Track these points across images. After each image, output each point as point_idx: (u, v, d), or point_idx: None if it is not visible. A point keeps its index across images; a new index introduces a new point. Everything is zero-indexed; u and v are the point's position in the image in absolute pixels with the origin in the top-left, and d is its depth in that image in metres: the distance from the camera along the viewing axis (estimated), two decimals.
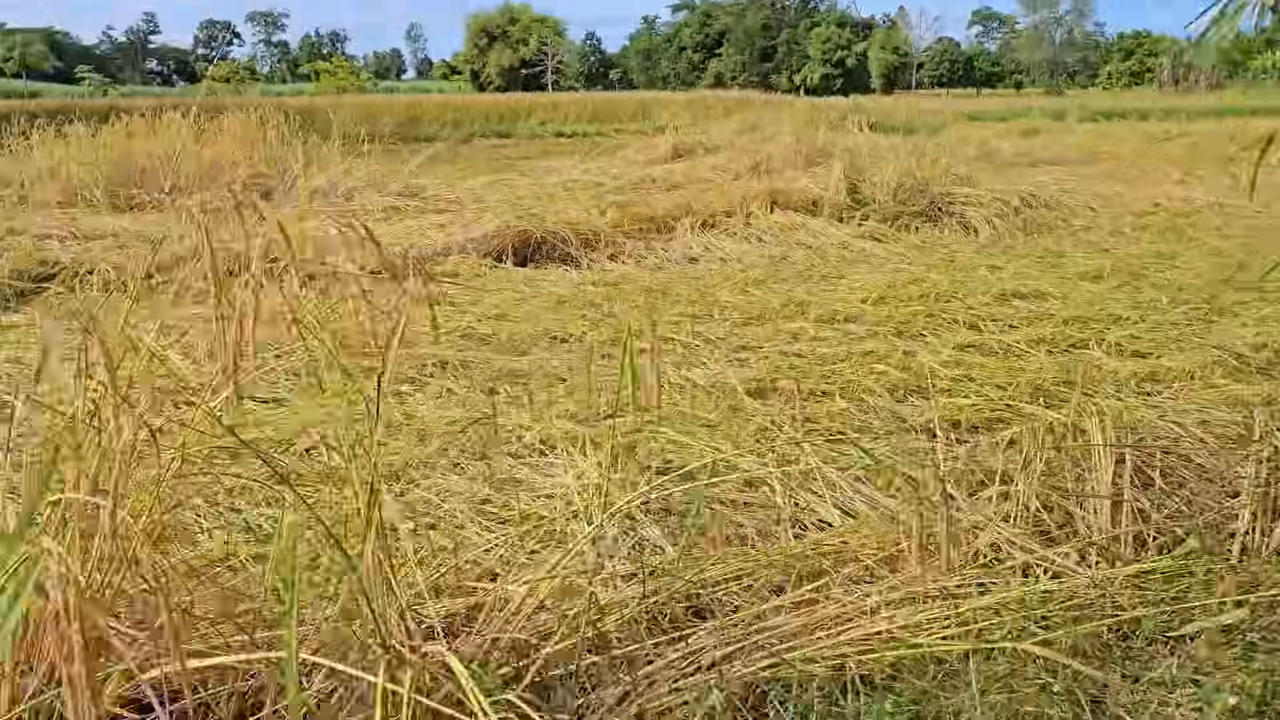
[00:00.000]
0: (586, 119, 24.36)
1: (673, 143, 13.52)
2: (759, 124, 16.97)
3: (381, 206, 8.37)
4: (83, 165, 8.79)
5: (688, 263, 6.34)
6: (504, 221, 6.43)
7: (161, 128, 9.68)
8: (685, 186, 9.27)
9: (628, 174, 10.44)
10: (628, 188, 9.58)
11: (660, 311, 4.82)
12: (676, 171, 9.96)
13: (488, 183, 10.23)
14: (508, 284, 5.65)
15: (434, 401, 3.47)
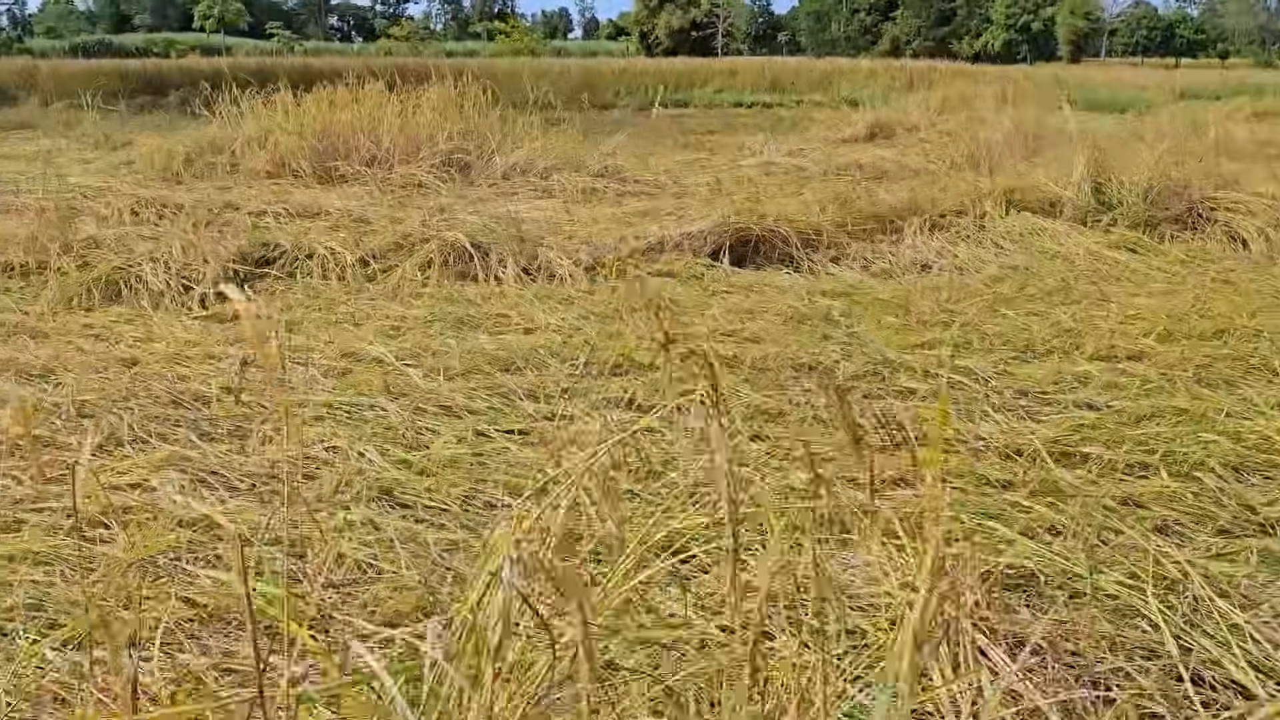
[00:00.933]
0: (765, 88, 23.62)
1: (868, 121, 12.80)
2: (958, 99, 15.95)
3: (580, 188, 8.12)
4: (288, 135, 8.88)
5: (920, 270, 5.80)
6: (721, 216, 6.03)
7: (363, 97, 9.69)
8: (896, 175, 8.66)
9: (830, 157, 9.88)
10: (832, 174, 9.05)
11: (908, 334, 4.35)
12: (886, 158, 9.32)
13: (683, 163, 9.88)
14: (730, 289, 5.27)
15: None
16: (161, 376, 3.69)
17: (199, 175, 8.55)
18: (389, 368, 3.80)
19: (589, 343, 4.14)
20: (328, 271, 5.33)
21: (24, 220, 6.48)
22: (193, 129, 11.85)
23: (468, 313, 4.62)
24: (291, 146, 8.60)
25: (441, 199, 7.72)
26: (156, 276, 4.99)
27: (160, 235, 6.01)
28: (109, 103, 16.14)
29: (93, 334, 4.31)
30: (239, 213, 6.61)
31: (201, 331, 4.32)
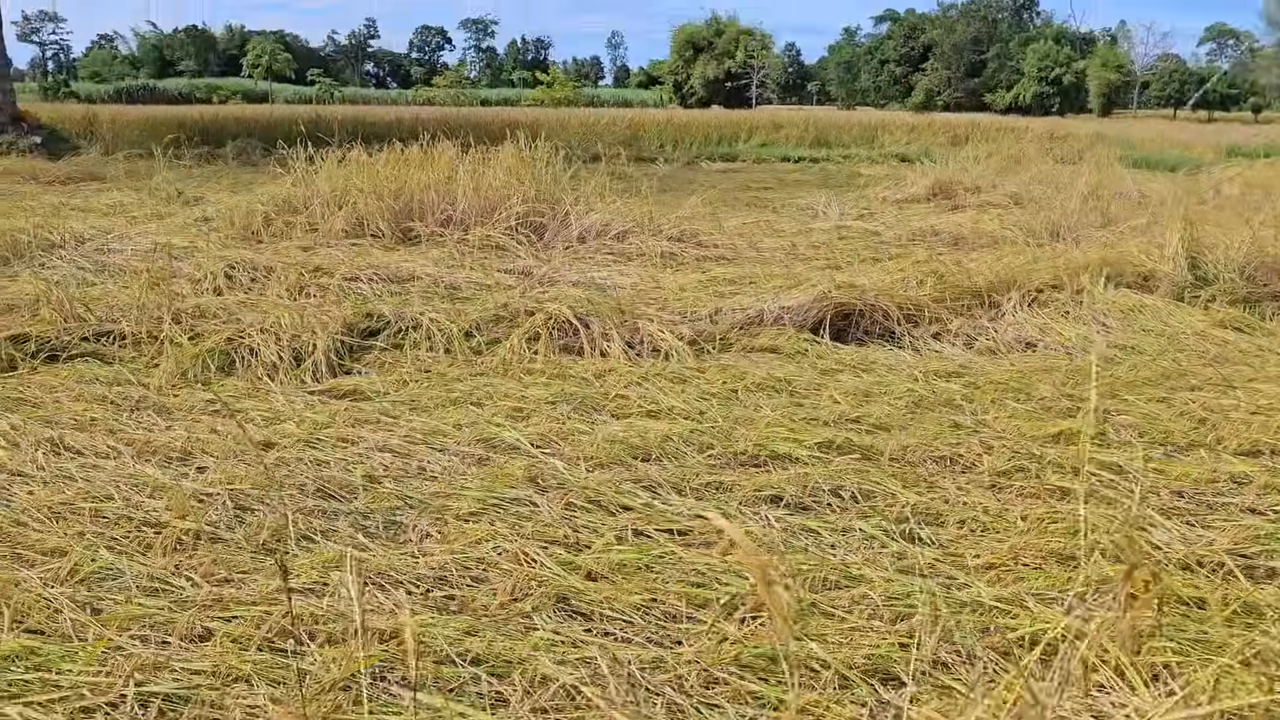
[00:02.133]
0: (809, 141, 23.73)
1: (927, 182, 12.78)
2: (1009, 156, 15.93)
3: (658, 252, 8.12)
4: (365, 195, 8.96)
5: (1025, 348, 5.73)
6: (821, 290, 5.99)
7: (436, 157, 9.79)
8: (975, 243, 8.62)
9: (901, 221, 9.85)
10: (907, 240, 9.02)
11: (1037, 423, 4.27)
12: (962, 224, 9.28)
13: (751, 225, 9.87)
14: (839, 366, 5.21)
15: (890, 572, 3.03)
16: (301, 462, 3.66)
17: (278, 234, 8.62)
18: (527, 456, 3.75)
19: (719, 428, 4.09)
20: (434, 344, 5.32)
21: (123, 283, 6.55)
22: (259, 183, 12.01)
23: (586, 392, 4.59)
24: (370, 208, 8.67)
25: (521, 261, 7.74)
26: (268, 348, 4.99)
27: (260, 302, 6.05)
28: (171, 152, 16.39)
29: (216, 410, 4.30)
30: (331, 278, 6.63)
31: (326, 410, 4.30)
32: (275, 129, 21.01)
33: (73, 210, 10.30)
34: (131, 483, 3.42)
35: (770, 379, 4.89)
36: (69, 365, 4.93)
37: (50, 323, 5.26)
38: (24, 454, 3.69)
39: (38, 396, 4.44)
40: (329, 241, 8.32)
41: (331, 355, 5.03)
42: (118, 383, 4.64)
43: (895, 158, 21.74)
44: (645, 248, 8.25)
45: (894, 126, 26.37)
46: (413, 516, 3.22)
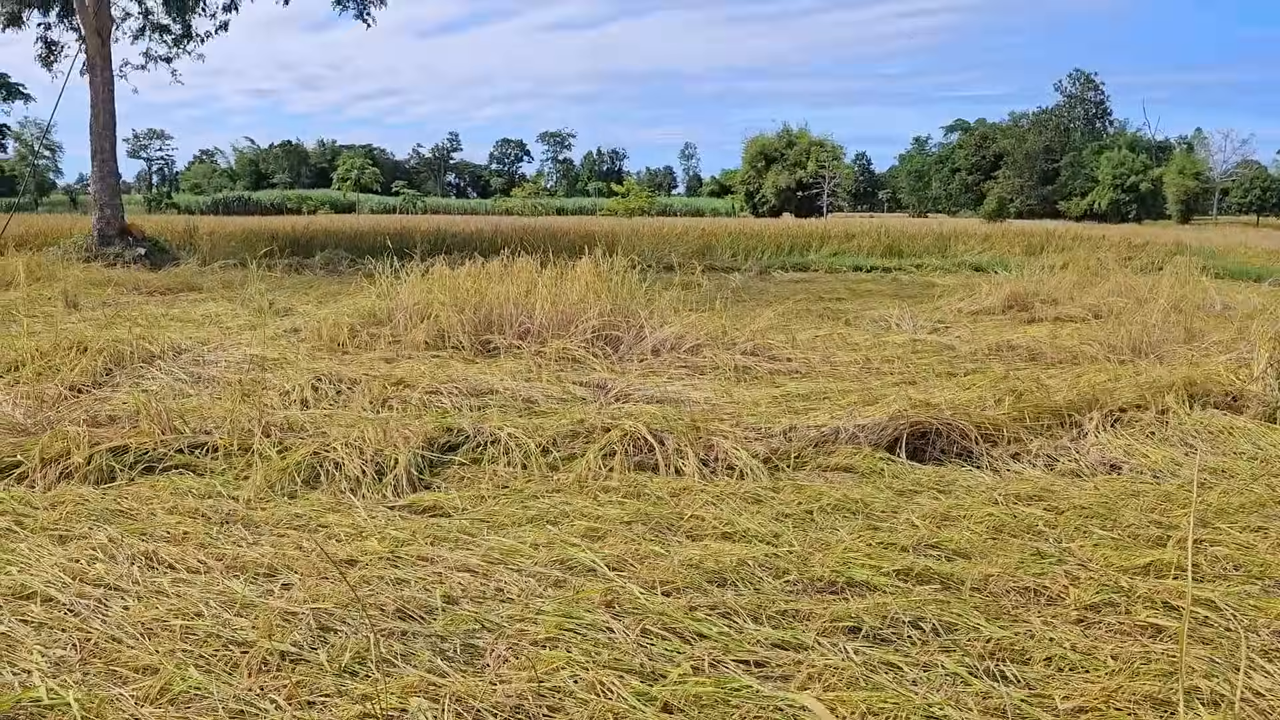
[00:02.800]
0: (881, 251, 23.84)
1: (1003, 293, 12.71)
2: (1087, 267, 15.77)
3: (732, 366, 8.18)
4: (446, 308, 9.24)
5: (1109, 471, 5.59)
6: (897, 408, 5.96)
7: (515, 271, 10.09)
8: (1054, 359, 8.51)
9: (977, 334, 9.79)
10: (983, 354, 8.95)
11: (1126, 553, 4.14)
12: (1039, 339, 9.19)
13: (824, 337, 9.90)
14: (916, 488, 5.15)
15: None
16: (382, 580, 3.73)
17: (363, 346, 8.91)
18: (603, 579, 3.77)
19: (795, 553, 4.06)
20: (512, 459, 5.41)
21: (215, 393, 6.83)
22: (346, 294, 12.49)
23: (661, 512, 4.60)
24: (451, 321, 8.93)
25: (596, 374, 7.86)
26: (352, 462, 5.13)
27: (345, 415, 6.23)
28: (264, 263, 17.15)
29: (302, 524, 4.41)
30: (413, 391, 6.82)
31: (407, 527, 4.38)
32: (361, 240, 21.95)
33: (171, 320, 10.81)
34: (221, 599, 3.52)
35: (846, 500, 4.85)
36: (164, 477, 5.12)
37: (148, 435, 5.49)
38: (120, 567, 3.83)
39: (134, 508, 4.61)
40: (411, 353, 8.58)
41: (412, 470, 5.14)
42: (209, 495, 4.81)
43: (969, 267, 21.70)
44: (719, 361, 8.33)
45: (967, 235, 26.38)
46: (490, 640, 3.24)
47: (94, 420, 5.92)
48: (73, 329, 9.51)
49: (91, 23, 21.38)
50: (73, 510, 4.54)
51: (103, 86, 21.45)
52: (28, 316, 10.35)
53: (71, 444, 5.25)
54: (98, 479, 5.07)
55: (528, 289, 9.62)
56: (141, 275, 16.63)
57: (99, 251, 19.85)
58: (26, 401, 6.50)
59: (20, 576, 3.70)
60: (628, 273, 10.00)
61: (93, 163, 21.77)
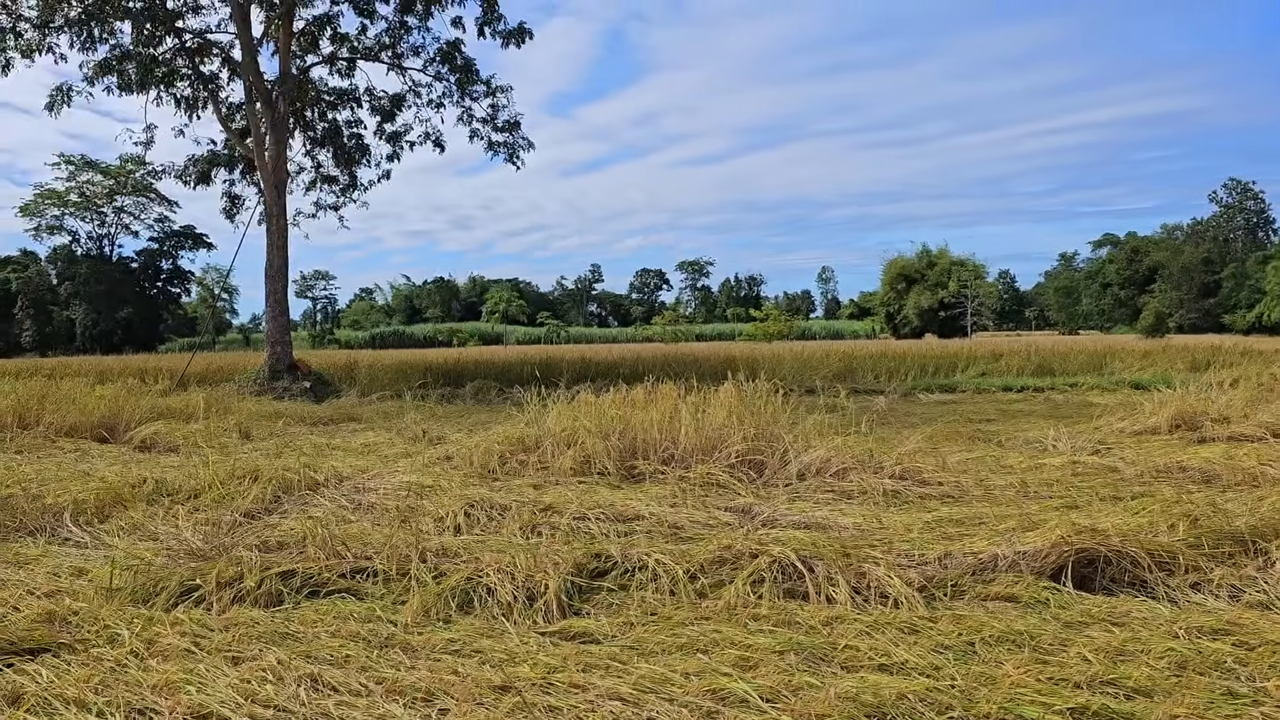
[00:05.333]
0: (1031, 370, 23.06)
1: (1169, 412, 12.04)
2: (1259, 382, 14.83)
3: (880, 490, 7.99)
4: (592, 435, 9.41)
5: None
6: (1061, 534, 5.68)
7: (659, 398, 10.24)
8: (1232, 481, 7.97)
9: (1143, 456, 9.28)
10: (1150, 476, 8.47)
11: None
12: (1213, 460, 8.65)
13: (976, 460, 9.58)
14: (1085, 620, 4.85)
15: None
16: (536, 707, 3.74)
17: (512, 472, 9.15)
18: (757, 711, 3.67)
19: (958, 687, 3.87)
20: (659, 585, 5.39)
21: (374, 519, 7.10)
22: (495, 422, 12.89)
23: (814, 642, 4.48)
24: (597, 448, 9.09)
25: (741, 500, 7.81)
26: (504, 588, 5.21)
27: (496, 541, 6.38)
28: (418, 394, 17.94)
29: (456, 649, 4.49)
30: (561, 517, 6.93)
31: (559, 653, 4.40)
32: (509, 370, 22.73)
33: (334, 449, 11.39)
34: None
35: (1010, 631, 4.61)
36: (328, 600, 5.33)
37: (314, 560, 5.74)
38: (288, 689, 3.97)
39: (300, 631, 4.80)
40: (558, 480, 8.75)
41: (562, 595, 5.19)
42: (369, 619, 4.96)
43: (1128, 385, 20.71)
44: (866, 485, 8.16)
45: (1124, 352, 25.26)
46: None
47: (264, 545, 6.26)
48: (246, 458, 10.13)
49: (270, 178, 23.43)
50: (245, 632, 4.76)
51: (277, 234, 23.34)
52: (208, 447, 11.09)
53: (245, 568, 5.54)
54: (267, 602, 5.31)
55: (671, 415, 9.73)
56: (307, 407, 17.63)
57: (269, 386, 21.24)
58: (205, 528, 6.92)
59: (198, 696, 3.89)
60: (770, 396, 9.99)
61: (266, 303, 23.50)
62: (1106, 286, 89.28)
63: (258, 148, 23.68)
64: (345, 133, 26.94)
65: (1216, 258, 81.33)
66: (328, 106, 26.62)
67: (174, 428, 13.36)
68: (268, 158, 23.56)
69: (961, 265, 71.41)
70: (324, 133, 26.83)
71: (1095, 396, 18.78)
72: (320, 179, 27.64)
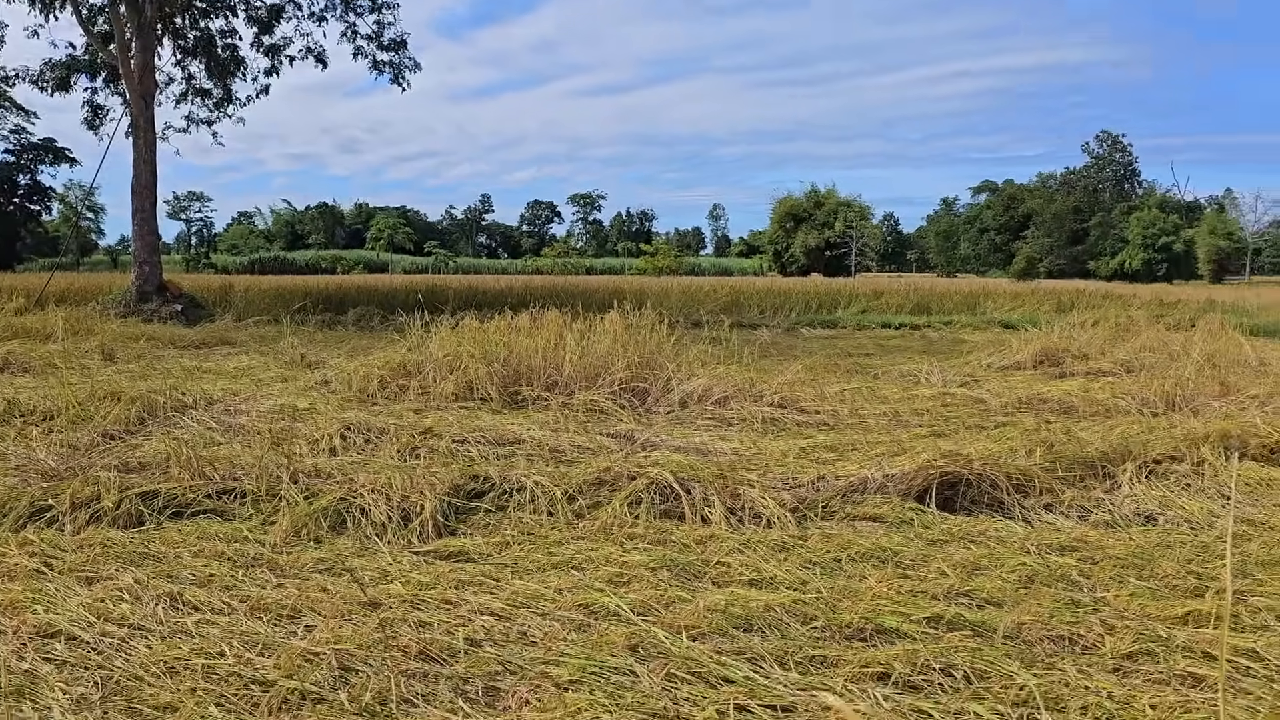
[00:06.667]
0: (909, 309, 23.78)
1: (1034, 349, 12.60)
2: (1116, 324, 15.65)
3: (760, 418, 8.14)
4: (475, 361, 9.29)
5: (1144, 522, 5.48)
6: (927, 459, 5.89)
7: (544, 325, 10.16)
8: (1087, 412, 8.41)
9: (1008, 389, 9.70)
10: (1013, 407, 8.85)
11: (1162, 604, 4.04)
12: (1071, 393, 9.09)
13: (853, 391, 9.84)
14: (946, 537, 5.06)
15: None
16: (405, 623, 3.70)
17: (392, 397, 8.98)
18: (627, 623, 3.72)
19: (823, 599, 3.99)
20: (537, 506, 5.39)
21: (246, 442, 6.87)
22: (377, 348, 12.59)
23: (687, 559, 4.56)
24: (480, 373, 8.98)
25: (623, 426, 7.86)
26: (378, 508, 5.13)
27: (372, 463, 6.26)
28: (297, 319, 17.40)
29: (327, 569, 4.41)
30: (441, 440, 6.84)
31: (432, 571, 4.36)
32: (393, 297, 22.21)
33: (205, 373, 10.95)
34: (243, 640, 3.51)
35: (875, 548, 4.78)
36: (192, 522, 5.15)
37: (178, 480, 5.53)
38: (145, 608, 3.83)
39: (161, 551, 4.63)
40: (440, 404, 8.62)
41: (438, 516, 5.14)
42: (235, 539, 4.82)
43: (999, 324, 21.58)
44: (746, 413, 8.30)
45: (996, 294, 26.28)
46: (512, 682, 3.20)
47: (125, 466, 5.99)
48: (108, 380, 9.66)
49: (136, 88, 22.06)
50: (100, 552, 4.57)
51: (145, 148, 22.06)
52: (65, 368, 10.52)
53: (102, 488, 5.30)
54: (126, 523, 5.10)
55: (556, 342, 9.67)
56: (177, 330, 16.90)
57: (136, 307, 20.24)
58: (60, 449, 6.58)
59: (46, 616, 3.72)
60: (655, 326, 10.02)
61: (133, 221, 22.30)
62: (984, 232, 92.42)
63: (122, 55, 22.21)
64: (219, 43, 25.48)
65: (1085, 207, 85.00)
66: (200, 14, 25.09)
67: (29, 348, 12.62)
68: (133, 66, 22.14)
69: (848, 206, 72.83)
70: (196, 41, 25.31)
71: (968, 334, 19.51)
72: (192, 92, 26.14)
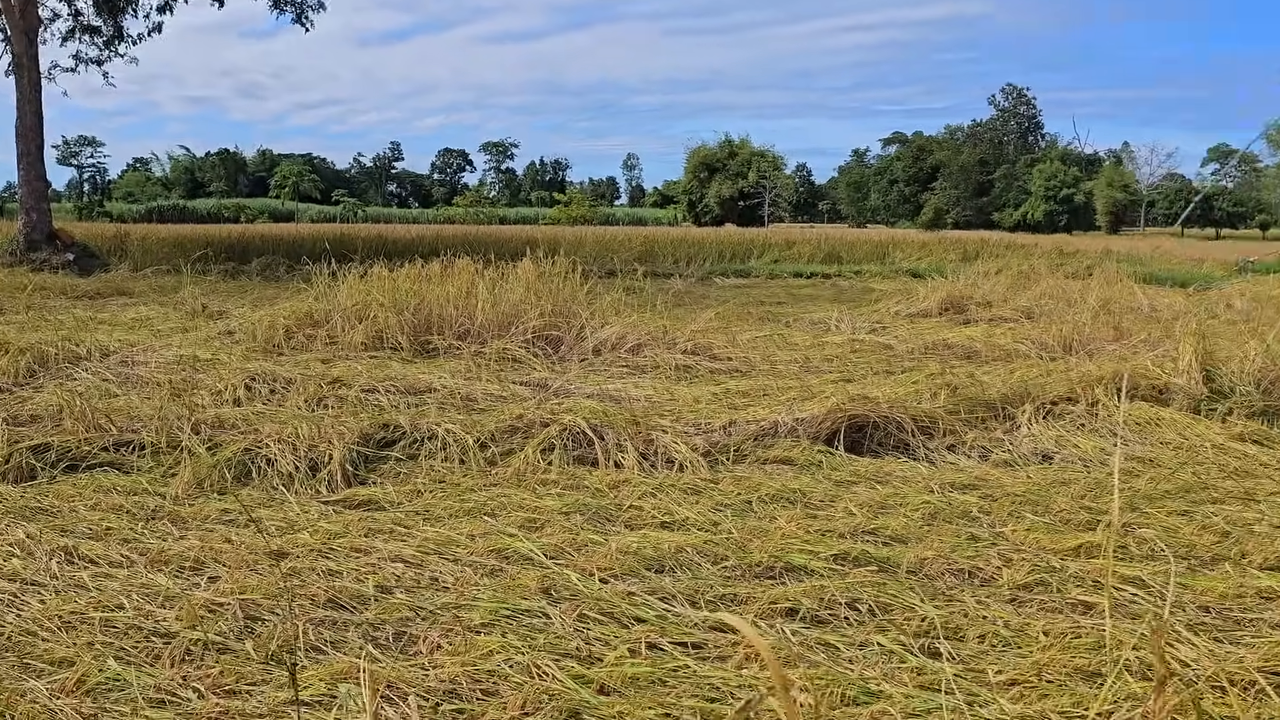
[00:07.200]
0: (821, 258, 24.11)
1: (939, 296, 12.92)
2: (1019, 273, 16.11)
3: (673, 365, 8.18)
4: (385, 309, 9.11)
5: (1042, 461, 5.69)
6: (835, 402, 6.00)
7: (456, 273, 9.99)
8: (989, 357, 8.66)
9: (914, 335, 9.93)
10: (920, 352, 9.07)
11: (1056, 537, 4.22)
12: (974, 338, 9.35)
13: (765, 338, 9.96)
14: (854, 478, 5.19)
15: None
16: (314, 572, 3.64)
17: (299, 347, 8.76)
18: (540, 567, 3.72)
19: (734, 540, 4.06)
20: (449, 454, 5.33)
21: (145, 393, 6.63)
22: (283, 298, 12.24)
23: (600, 503, 4.58)
24: (390, 322, 8.81)
25: (536, 374, 7.82)
26: (285, 458, 5.02)
27: (279, 413, 6.11)
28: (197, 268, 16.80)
29: (231, 519, 4.31)
30: (349, 389, 6.71)
31: (340, 520, 4.29)
32: (300, 246, 21.57)
33: (100, 324, 10.52)
34: (143, 592, 3.41)
35: (785, 490, 4.87)
36: (88, 475, 4.96)
37: (71, 433, 5.31)
38: (38, 563, 3.69)
39: (55, 505, 4.46)
40: (349, 354, 8.45)
41: (347, 465, 5.05)
42: (134, 492, 4.67)
43: (907, 273, 22.04)
44: (660, 361, 8.33)
45: (905, 243, 26.81)
46: (424, 627, 3.18)
47: (14, 420, 5.73)
48: None
49: (18, 23, 20.80)
50: None
51: (29, 88, 20.88)
52: None
53: None
54: (17, 477, 4.89)
55: (468, 290, 9.53)
56: (69, 280, 16.19)
57: (24, 257, 19.28)
58: None
59: None
60: (569, 274, 9.95)
61: (18, 166, 21.16)
62: (893, 183, 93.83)
63: None
64: None
65: (991, 159, 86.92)
66: None
67: None
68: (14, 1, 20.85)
69: (761, 156, 73.22)
70: None
71: (877, 283, 19.89)
72: (80, 28, 24.73)
